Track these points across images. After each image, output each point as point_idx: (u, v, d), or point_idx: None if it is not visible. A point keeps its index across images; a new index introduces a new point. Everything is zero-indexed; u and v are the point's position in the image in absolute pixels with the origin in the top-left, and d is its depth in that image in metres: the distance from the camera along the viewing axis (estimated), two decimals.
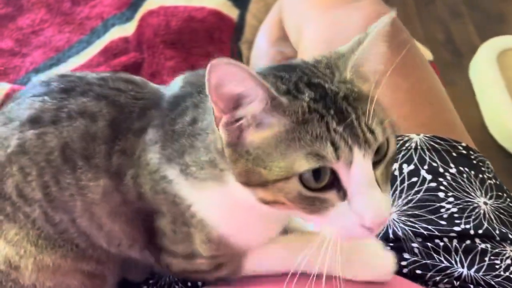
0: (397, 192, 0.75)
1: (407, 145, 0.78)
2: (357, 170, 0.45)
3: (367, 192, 0.46)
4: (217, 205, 0.56)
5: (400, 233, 0.72)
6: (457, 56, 1.83)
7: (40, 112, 0.61)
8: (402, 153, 0.77)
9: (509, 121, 1.41)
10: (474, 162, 0.79)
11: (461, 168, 0.76)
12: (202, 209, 0.56)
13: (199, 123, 0.54)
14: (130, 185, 0.58)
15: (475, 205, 0.73)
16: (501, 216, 0.74)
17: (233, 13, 1.27)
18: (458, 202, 0.73)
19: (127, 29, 1.23)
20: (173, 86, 0.61)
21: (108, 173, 0.59)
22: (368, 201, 0.46)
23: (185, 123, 0.55)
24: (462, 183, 0.75)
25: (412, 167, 0.76)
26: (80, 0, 1.28)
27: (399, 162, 0.76)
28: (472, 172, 0.77)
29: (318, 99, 0.48)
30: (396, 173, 0.76)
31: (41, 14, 1.24)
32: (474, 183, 0.75)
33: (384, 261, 0.61)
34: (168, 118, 0.57)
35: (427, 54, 1.28)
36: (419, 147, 0.77)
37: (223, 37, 1.23)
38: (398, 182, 0.75)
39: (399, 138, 0.78)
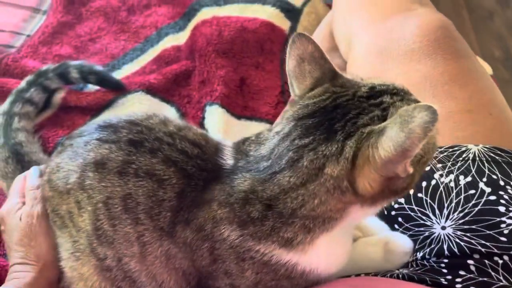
0: (453, 204, 0.70)
1: (464, 156, 0.74)
2: None
3: None
4: (326, 249, 0.59)
5: (455, 249, 0.67)
6: None
7: (106, 159, 0.62)
8: (459, 164, 0.73)
9: None
10: None
11: None
12: (311, 262, 0.59)
13: (289, 204, 0.55)
14: (206, 255, 0.60)
15: None
16: None
17: (284, 25, 1.27)
18: None
19: (180, 38, 1.25)
20: (227, 153, 0.62)
21: (173, 241, 0.61)
22: None
23: (261, 210, 0.57)
24: None
25: (469, 178, 0.71)
26: (136, 9, 1.32)
27: (455, 173, 0.72)
28: None
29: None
30: (452, 184, 0.72)
31: (98, 22, 1.28)
32: None
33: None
34: (233, 200, 0.58)
35: (487, 69, 1.22)
36: (477, 158, 0.73)
37: (274, 48, 1.23)
38: (454, 194, 0.71)
39: (456, 148, 0.75)
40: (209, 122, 1.08)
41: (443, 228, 0.70)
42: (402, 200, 0.75)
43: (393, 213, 0.77)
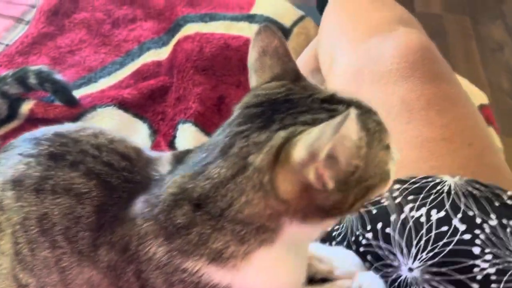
0: (422, 242, 0.62)
1: (438, 188, 0.66)
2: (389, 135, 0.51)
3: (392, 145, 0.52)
4: (266, 269, 0.51)
5: None
6: None
7: (23, 176, 0.56)
8: (432, 197, 0.65)
9: None
10: None
11: (505, 222, 0.63)
12: (246, 283, 0.51)
13: (219, 203, 0.48)
14: (132, 280, 0.54)
15: None
16: None
17: None
18: (497, 261, 0.59)
19: (161, 54, 1.21)
20: (162, 162, 0.56)
21: (96, 266, 0.54)
22: (394, 148, 0.52)
23: (189, 211, 0.49)
24: (505, 239, 0.61)
25: (442, 214, 0.63)
26: (121, 23, 1.28)
27: (427, 207, 0.64)
28: None
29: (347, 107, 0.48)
30: (423, 219, 0.64)
31: (81, 34, 1.25)
32: None
33: None
34: (159, 210, 0.51)
35: (482, 98, 1.15)
36: (452, 191, 0.65)
37: None
38: (424, 231, 0.63)
39: (429, 180, 0.67)
40: (180, 141, 1.02)
41: (410, 270, 0.61)
42: (369, 235, 0.67)
43: (361, 249, 0.69)
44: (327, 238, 0.72)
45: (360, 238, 0.70)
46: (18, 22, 1.29)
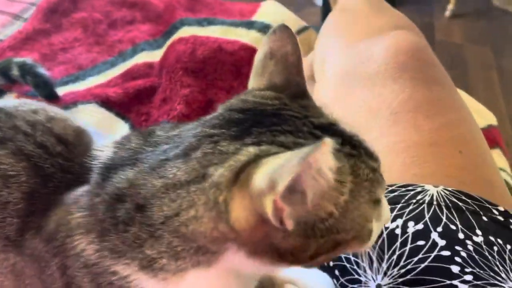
0: (394, 257, 0.54)
1: (418, 197, 0.58)
2: (384, 192, 0.46)
3: (385, 203, 0.47)
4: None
5: None
6: None
7: None
8: (411, 207, 0.57)
9: None
10: None
11: (492, 239, 0.54)
12: None
13: (165, 207, 0.41)
14: (56, 276, 0.47)
15: None
16: None
17: None
18: (479, 283, 0.51)
19: (155, 55, 1.17)
20: (105, 151, 0.49)
21: (20, 252, 0.49)
22: (386, 207, 0.47)
23: (130, 209, 0.43)
24: (490, 258, 0.53)
25: (420, 226, 0.55)
26: (118, 24, 1.25)
27: (403, 218, 0.56)
28: (509, 247, 0.54)
29: (341, 142, 0.42)
30: (398, 231, 0.56)
31: (76, 33, 1.22)
32: (509, 263, 0.53)
33: None
34: (100, 200, 0.45)
35: (491, 118, 1.06)
36: (434, 202, 0.57)
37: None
38: (398, 244, 0.55)
39: (409, 188, 0.59)
40: None
41: (378, 286, 0.53)
42: None
43: (331, 263, 0.62)
44: None
45: None
46: (15, 18, 1.27)
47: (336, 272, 0.60)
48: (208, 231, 0.40)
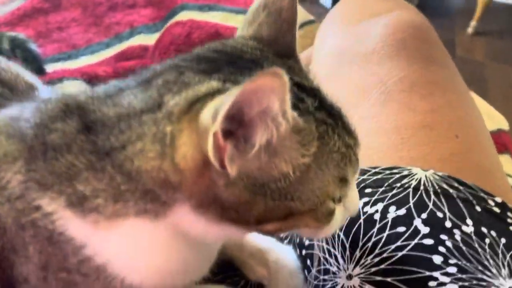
0: (370, 244, 0.47)
1: (404, 181, 0.51)
2: (355, 176, 0.42)
3: (355, 190, 0.44)
4: (136, 246, 0.39)
5: None
6: None
7: None
8: (394, 191, 0.50)
9: None
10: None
11: (484, 230, 0.47)
12: (105, 252, 0.39)
13: (112, 138, 0.37)
14: None
15: None
16: None
17: None
18: (464, 277, 0.43)
19: (152, 39, 1.12)
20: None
21: None
22: (355, 197, 0.44)
23: (72, 131, 0.38)
24: (480, 250, 0.45)
25: (402, 211, 0.48)
26: (119, 7, 1.22)
27: (384, 203, 0.49)
28: (503, 241, 0.47)
29: (318, 106, 0.39)
30: (376, 216, 0.49)
31: (75, 13, 1.19)
32: (502, 256, 0.46)
33: None
34: (40, 116, 0.40)
35: (503, 122, 0.99)
36: (421, 187, 0.50)
37: None
38: (374, 230, 0.48)
39: (395, 171, 0.52)
40: None
41: (349, 277, 0.46)
42: None
43: (303, 252, 0.55)
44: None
45: (304, 238, 0.56)
46: None
47: (308, 262, 0.53)
48: (154, 171, 0.36)
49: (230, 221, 0.37)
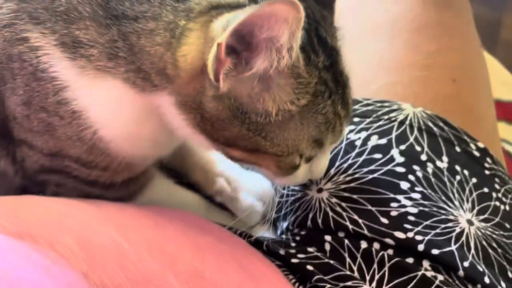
0: (345, 166, 0.50)
1: (392, 115, 0.52)
2: (332, 145, 0.44)
3: (326, 157, 0.46)
4: (116, 107, 0.41)
5: (319, 221, 0.47)
6: None
7: None
8: (380, 123, 0.52)
9: None
10: (487, 173, 0.50)
11: (458, 168, 0.49)
12: (84, 100, 0.40)
13: (127, 3, 0.38)
14: None
15: (451, 217, 0.45)
16: (490, 250, 0.44)
17: None
18: (425, 203, 0.45)
19: None
20: None
21: None
22: (324, 164, 0.46)
23: None
24: (448, 184, 0.47)
25: (383, 141, 0.50)
26: None
27: (368, 132, 0.51)
28: (474, 181, 0.48)
29: (328, 66, 0.40)
30: (358, 143, 0.51)
31: None
32: (468, 194, 0.47)
33: None
34: None
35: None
36: (407, 121, 0.51)
37: None
38: (353, 154, 0.50)
39: (385, 104, 0.54)
40: None
41: (319, 190, 0.49)
42: None
43: None
44: None
45: None
46: None
47: None
48: (156, 57, 0.38)
49: (203, 131, 0.39)
